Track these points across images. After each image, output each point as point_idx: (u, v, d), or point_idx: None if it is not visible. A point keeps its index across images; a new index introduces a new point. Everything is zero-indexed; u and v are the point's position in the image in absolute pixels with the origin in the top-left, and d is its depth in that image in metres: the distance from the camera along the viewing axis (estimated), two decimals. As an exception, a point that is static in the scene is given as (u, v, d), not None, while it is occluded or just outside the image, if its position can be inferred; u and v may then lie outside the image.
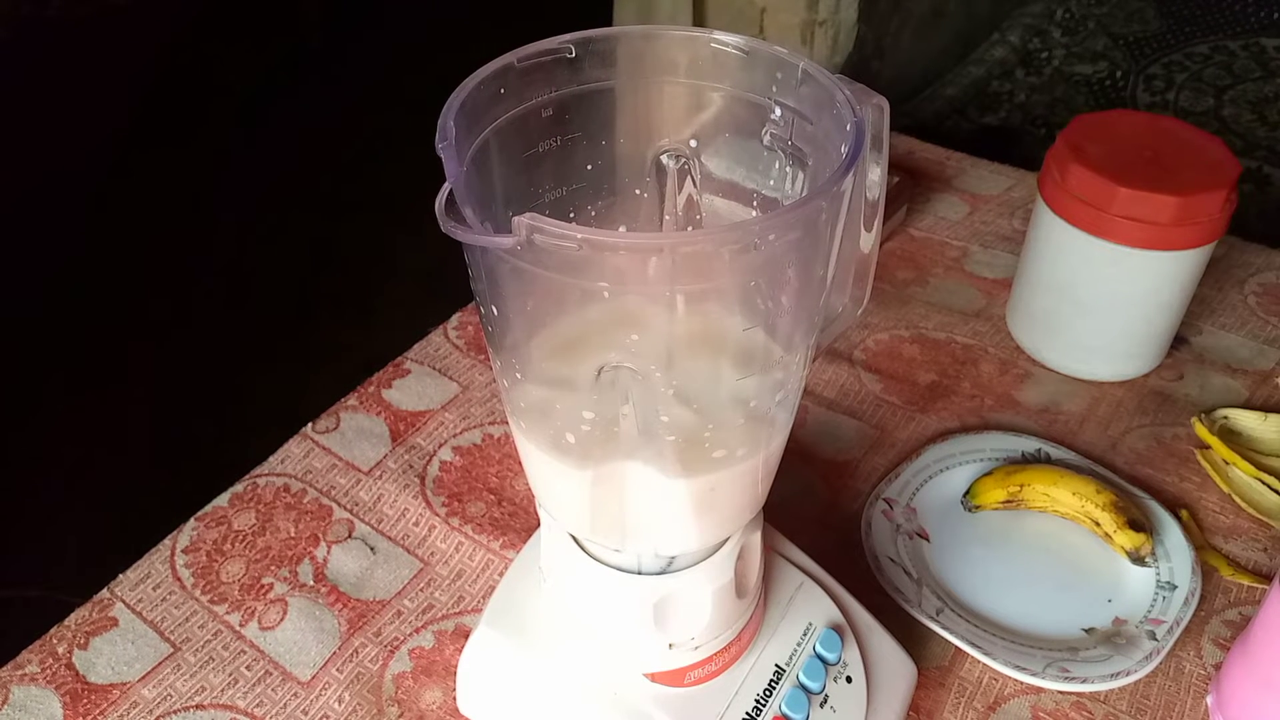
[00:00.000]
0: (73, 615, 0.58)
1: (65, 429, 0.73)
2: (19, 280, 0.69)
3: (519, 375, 0.39)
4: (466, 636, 0.51)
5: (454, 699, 0.54)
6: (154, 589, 0.60)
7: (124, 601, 0.59)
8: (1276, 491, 0.65)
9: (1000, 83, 1.44)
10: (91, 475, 0.74)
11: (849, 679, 0.49)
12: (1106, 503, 0.61)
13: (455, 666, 0.55)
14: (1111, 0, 1.43)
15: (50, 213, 0.71)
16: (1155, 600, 0.59)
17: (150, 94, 0.74)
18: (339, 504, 0.65)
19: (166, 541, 0.62)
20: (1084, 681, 0.54)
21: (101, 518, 0.71)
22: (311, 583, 0.60)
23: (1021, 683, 0.55)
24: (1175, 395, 0.74)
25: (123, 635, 0.57)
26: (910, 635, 0.55)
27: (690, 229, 0.42)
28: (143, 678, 0.55)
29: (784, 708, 0.46)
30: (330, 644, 0.57)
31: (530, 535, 0.52)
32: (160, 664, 0.56)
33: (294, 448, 0.69)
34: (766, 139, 0.39)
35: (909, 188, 0.93)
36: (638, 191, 0.42)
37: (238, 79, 0.80)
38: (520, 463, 0.43)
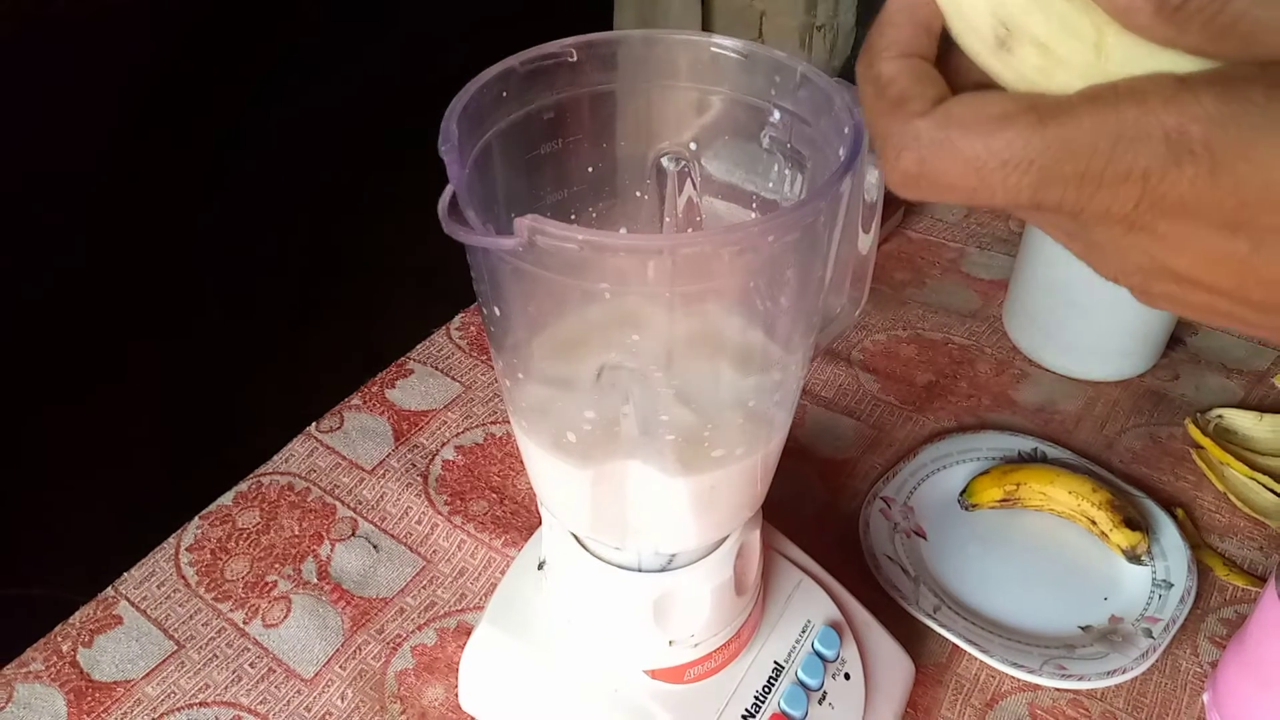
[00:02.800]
0: (77, 613, 0.58)
1: (69, 428, 0.73)
2: (20, 279, 0.69)
3: (520, 375, 0.39)
4: (468, 634, 0.51)
5: (456, 696, 0.54)
6: (158, 587, 0.60)
7: (128, 599, 0.59)
8: (1272, 490, 0.65)
9: (999, 84, 1.44)
10: (96, 474, 0.74)
11: (847, 676, 0.49)
12: (1102, 501, 0.62)
13: (457, 664, 0.55)
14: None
15: (51, 212, 0.71)
16: (1151, 598, 0.59)
17: (151, 94, 0.75)
18: (342, 502, 0.65)
19: (171, 540, 0.63)
20: (1081, 679, 0.54)
21: (106, 516, 0.71)
22: (315, 580, 0.61)
23: (1018, 680, 0.55)
24: (1171, 395, 0.75)
25: (127, 633, 0.57)
26: (908, 633, 0.55)
27: (690, 231, 0.42)
28: (147, 675, 0.55)
29: (783, 704, 0.46)
30: (333, 641, 0.57)
31: (532, 534, 0.52)
32: (164, 661, 0.56)
33: (298, 447, 0.69)
34: (766, 142, 0.40)
35: (907, 189, 0.93)
36: (638, 194, 0.42)
37: (239, 80, 0.80)
38: (522, 462, 0.44)
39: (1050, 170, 0.22)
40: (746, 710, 0.45)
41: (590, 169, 0.41)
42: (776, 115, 0.39)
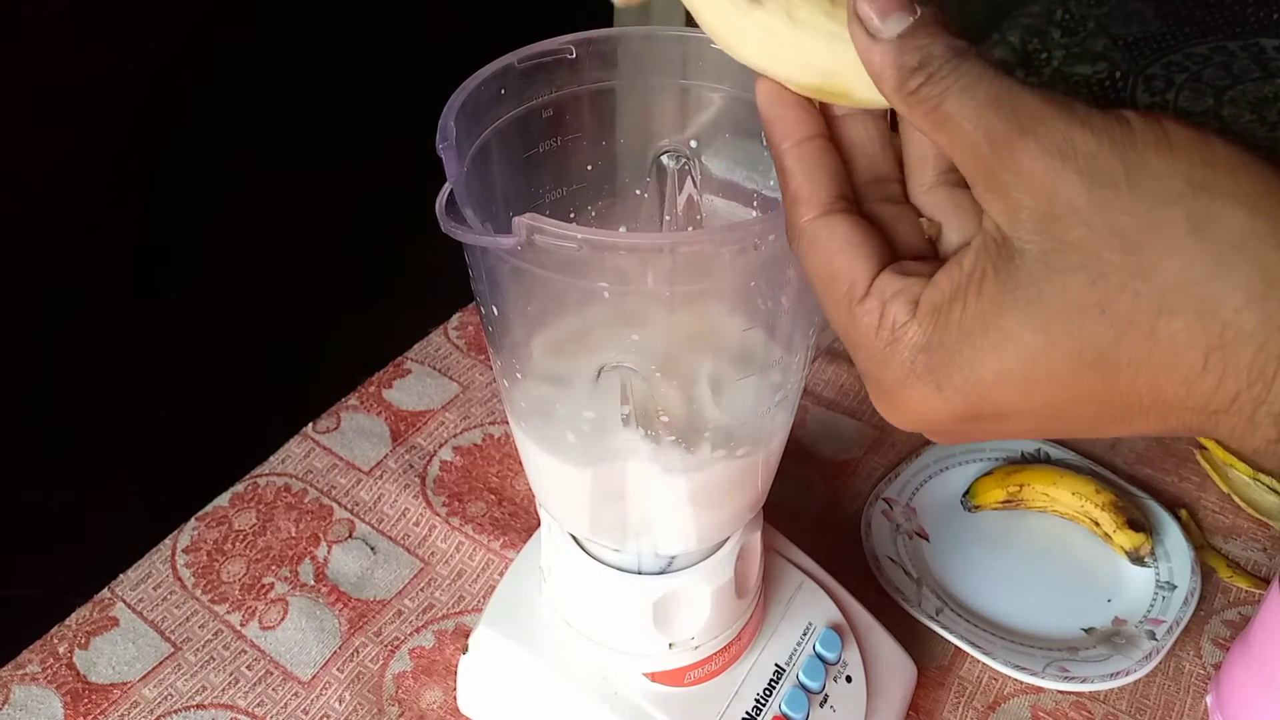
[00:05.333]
0: (73, 615, 0.58)
1: (64, 428, 0.73)
2: (19, 279, 0.69)
3: (519, 375, 0.39)
4: (467, 636, 0.51)
5: (454, 698, 0.54)
6: (155, 589, 0.60)
7: (125, 601, 0.59)
8: (1275, 491, 0.65)
9: (1000, 83, 1.44)
10: (92, 475, 0.74)
11: (849, 678, 0.49)
12: (1106, 502, 0.62)
13: (455, 666, 0.55)
14: (1111, 1, 1.43)
15: (52, 212, 0.71)
16: (1155, 600, 0.59)
17: (151, 94, 0.75)
18: (339, 504, 0.65)
19: (167, 541, 0.62)
20: (1083, 681, 0.54)
21: (102, 517, 0.71)
22: (312, 582, 0.60)
23: (1021, 682, 0.55)
24: (1175, 395, 0.74)
25: (123, 635, 0.57)
26: (910, 635, 0.55)
27: (690, 229, 0.42)
28: (143, 677, 0.55)
29: (784, 707, 0.46)
30: (331, 644, 0.57)
31: (531, 535, 0.52)
32: (161, 664, 0.56)
33: (294, 447, 0.69)
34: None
35: (909, 188, 0.92)
36: (638, 192, 0.42)
37: (238, 79, 0.80)
38: (521, 462, 0.44)
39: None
40: (747, 713, 0.45)
41: (589, 167, 0.40)
42: (778, 112, 0.38)
